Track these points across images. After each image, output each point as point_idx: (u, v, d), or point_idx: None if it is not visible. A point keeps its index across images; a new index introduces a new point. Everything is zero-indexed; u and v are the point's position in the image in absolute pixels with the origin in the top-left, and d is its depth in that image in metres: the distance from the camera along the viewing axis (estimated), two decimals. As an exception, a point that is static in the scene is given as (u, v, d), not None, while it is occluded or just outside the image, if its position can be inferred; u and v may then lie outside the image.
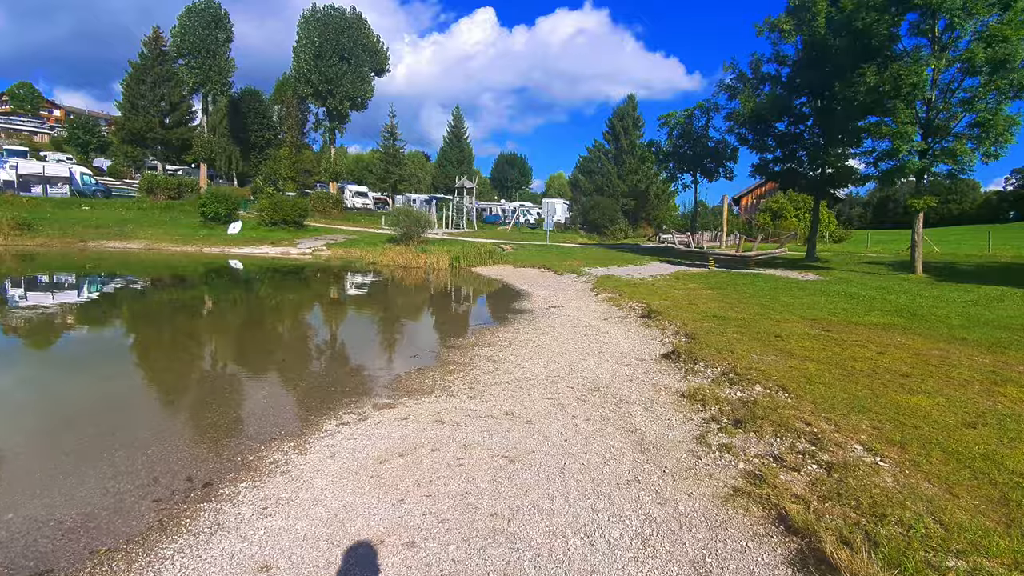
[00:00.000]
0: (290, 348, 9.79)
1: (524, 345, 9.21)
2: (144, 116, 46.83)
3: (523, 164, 75.18)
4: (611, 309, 12.66)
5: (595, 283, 17.02)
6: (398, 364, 8.23)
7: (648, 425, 5.44)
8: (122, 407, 6.42)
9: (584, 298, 14.68)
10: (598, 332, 10.18)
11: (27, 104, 66.91)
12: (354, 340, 10.76)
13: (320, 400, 6.36)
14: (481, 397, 6.38)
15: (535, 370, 7.61)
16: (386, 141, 47.60)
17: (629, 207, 49.30)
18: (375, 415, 5.77)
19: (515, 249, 28.59)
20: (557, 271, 20.72)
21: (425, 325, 12.54)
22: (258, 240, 30.28)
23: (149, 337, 10.67)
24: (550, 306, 13.49)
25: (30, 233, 27.90)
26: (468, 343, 9.50)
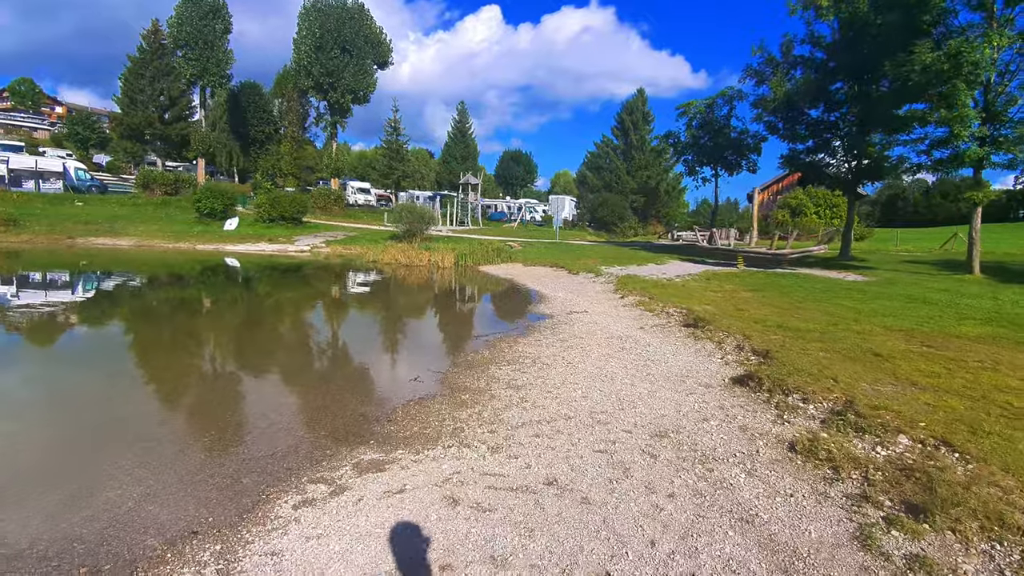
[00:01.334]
0: (257, 369, 7.83)
1: (551, 363, 7.30)
2: (143, 111, 44.96)
3: (528, 161, 73.11)
4: (644, 315, 10.74)
5: (617, 284, 15.10)
6: (394, 392, 6.31)
7: (767, 508, 3.54)
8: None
9: (608, 301, 12.76)
10: (638, 345, 8.27)
11: (28, 100, 65.15)
12: (341, 356, 8.85)
13: (281, 453, 4.46)
14: (507, 448, 4.48)
15: (573, 401, 5.71)
16: (389, 136, 45.68)
17: (638, 204, 47.26)
18: (355, 484, 3.87)
19: (523, 247, 26.69)
20: (572, 270, 18.79)
21: (428, 335, 10.59)
22: (255, 237, 28.47)
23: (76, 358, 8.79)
24: (572, 311, 11.58)
25: (15, 229, 26.14)
26: (482, 360, 7.60)
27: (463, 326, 11.21)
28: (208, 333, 10.20)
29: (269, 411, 5.53)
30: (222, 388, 6.70)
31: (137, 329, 10.52)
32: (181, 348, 8.91)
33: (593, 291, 14.48)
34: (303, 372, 7.49)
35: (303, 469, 4.15)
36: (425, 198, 47.00)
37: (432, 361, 7.70)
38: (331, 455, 4.41)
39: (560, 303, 12.71)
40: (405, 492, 3.72)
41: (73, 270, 18.20)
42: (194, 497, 3.73)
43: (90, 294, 14.30)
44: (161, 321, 11.22)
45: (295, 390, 6.49)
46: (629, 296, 12.93)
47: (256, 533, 3.25)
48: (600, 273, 17.54)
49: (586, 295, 13.82)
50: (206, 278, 18.31)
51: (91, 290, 14.89)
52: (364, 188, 49.91)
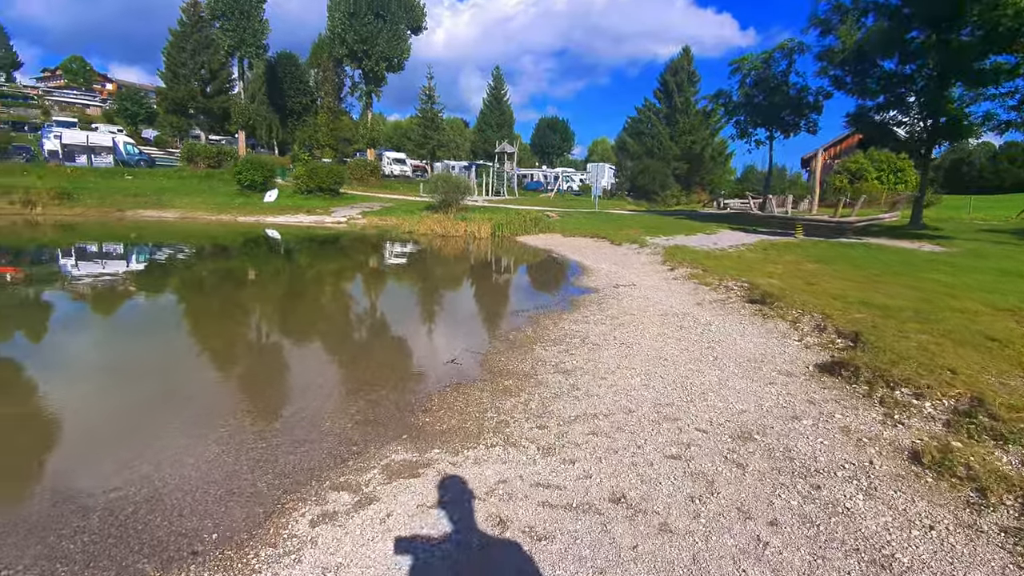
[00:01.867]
0: (287, 348, 7.28)
1: (602, 343, 6.52)
2: (185, 85, 45.46)
3: (565, 129, 70.60)
4: (700, 289, 9.76)
5: (665, 255, 14.03)
6: (430, 375, 5.67)
7: (904, 547, 2.71)
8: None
9: (657, 274, 11.78)
10: (698, 324, 7.37)
11: (80, 78, 67.11)
12: (375, 334, 8.24)
13: (304, 450, 3.90)
14: (561, 450, 3.77)
15: (632, 390, 4.94)
16: (424, 104, 44.66)
17: (681, 171, 44.92)
18: (383, 494, 3.25)
19: (561, 217, 25.63)
20: (614, 240, 17.74)
21: (466, 311, 9.88)
22: (293, 209, 28.42)
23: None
24: (618, 284, 10.69)
25: (69, 203, 26.82)
26: (525, 338, 6.88)
27: (502, 300, 10.50)
28: (241, 309, 9.86)
29: (295, 396, 5.00)
30: (249, 369, 6.23)
31: (172, 303, 10.31)
32: (214, 325, 8.57)
33: (639, 263, 13.49)
34: (334, 352, 6.97)
35: (326, 470, 3.56)
36: (460, 168, 46.11)
37: (470, 340, 7.03)
38: (358, 453, 3.81)
39: (605, 276, 11.81)
40: (442, 507, 3.07)
41: (125, 242, 18.46)
42: (201, 504, 3.20)
43: (140, 266, 14.34)
44: (198, 294, 10.99)
45: (324, 372, 5.94)
46: (680, 268, 11.90)
47: (265, 559, 2.67)
48: (645, 244, 16.45)
49: (632, 267, 12.85)
50: (248, 250, 18.23)
51: (143, 262, 14.96)
52: (400, 159, 49.38)
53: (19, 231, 20.49)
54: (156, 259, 15.44)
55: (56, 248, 16.68)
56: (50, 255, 15.28)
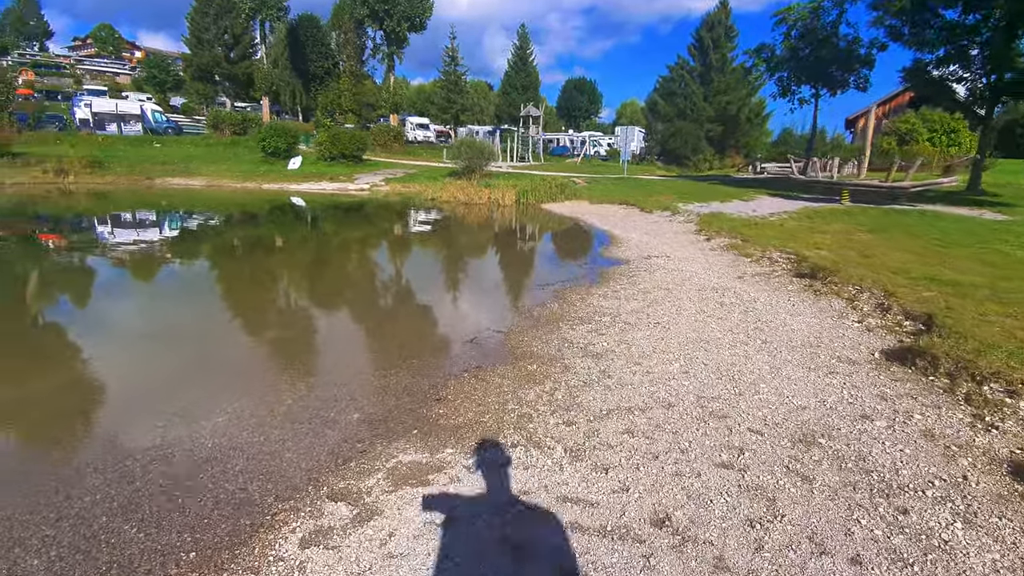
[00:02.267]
0: (298, 324, 6.74)
1: (635, 322, 5.93)
2: (209, 51, 45.02)
3: (593, 90, 67.69)
4: (740, 261, 8.99)
5: (699, 223, 13.15)
6: (447, 357, 5.19)
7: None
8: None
9: (692, 244, 10.99)
10: (741, 300, 6.68)
11: (109, 46, 67.28)
12: (391, 309, 7.72)
13: (304, 445, 3.49)
14: (592, 453, 3.27)
15: (670, 378, 4.37)
16: (447, 67, 43.22)
17: (715, 134, 42.63)
18: (386, 506, 2.81)
19: (589, 183, 24.61)
20: (644, 208, 16.83)
21: (488, 284, 9.26)
22: (317, 176, 28.06)
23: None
24: (650, 255, 9.98)
25: (100, 171, 27.01)
26: (550, 315, 6.34)
27: (526, 272, 9.91)
28: (259, 280, 9.54)
29: (301, 379, 4.59)
30: (256, 347, 5.86)
31: (196, 272, 10.09)
32: (233, 296, 8.28)
33: (672, 232, 12.67)
34: (348, 330, 6.55)
35: (326, 473, 3.14)
36: (484, 132, 44.90)
37: (492, 316, 6.52)
38: (362, 451, 3.38)
39: (635, 246, 11.09)
40: (452, 527, 2.61)
41: (156, 210, 18.51)
42: (182, 511, 2.82)
43: (173, 233, 14.32)
44: (223, 264, 10.76)
45: (335, 353, 5.50)
46: (717, 238, 11.07)
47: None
48: (677, 211, 15.52)
49: (664, 236, 12.06)
50: (273, 218, 17.99)
51: (174, 229, 14.95)
52: (423, 124, 48.31)
53: (55, 199, 20.73)
54: (187, 227, 15.38)
55: (91, 216, 16.81)
56: (87, 223, 15.42)
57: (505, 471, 3.09)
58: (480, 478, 3.04)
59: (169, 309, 7.20)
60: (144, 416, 3.89)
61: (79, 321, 6.66)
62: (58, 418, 3.97)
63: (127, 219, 16.53)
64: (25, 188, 23.08)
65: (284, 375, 4.68)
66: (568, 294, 7.32)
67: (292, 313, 7.34)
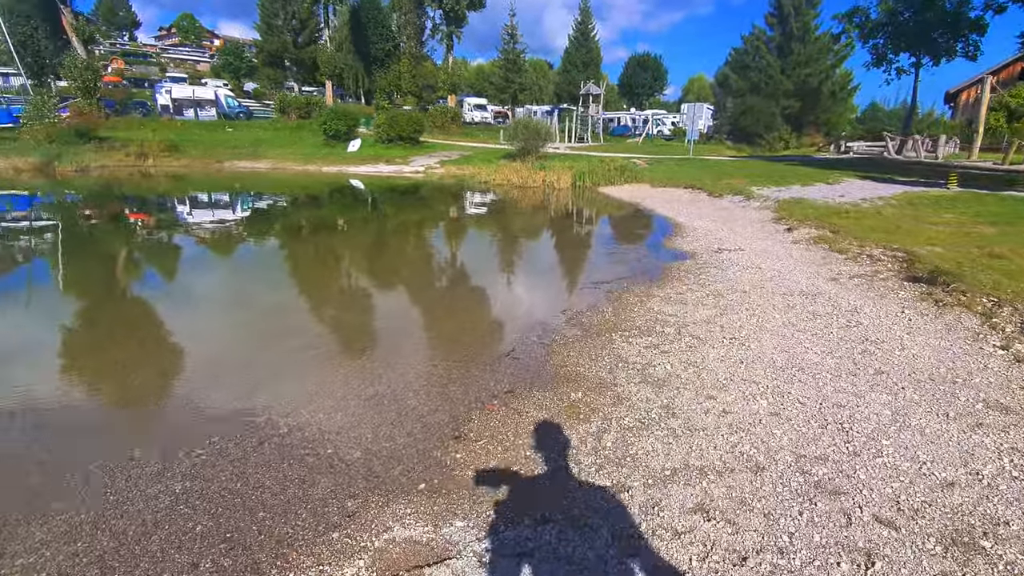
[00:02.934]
0: (309, 325, 5.86)
1: (705, 335, 4.89)
2: (279, 36, 46.15)
3: (657, 66, 63.83)
4: (832, 258, 7.59)
5: (778, 210, 11.59)
6: (476, 374, 4.33)
7: None
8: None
9: (770, 236, 9.58)
10: (838, 310, 5.44)
11: (190, 35, 70.85)
12: (419, 308, 6.62)
13: (277, 500, 2.80)
14: (649, 542, 2.38)
15: (756, 423, 3.36)
16: (506, 45, 41.93)
17: (792, 110, 38.94)
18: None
19: (651, 164, 22.95)
20: (713, 192, 15.24)
21: (534, 280, 8.18)
22: (374, 158, 28.04)
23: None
24: (721, 248, 8.72)
25: (176, 154, 28.27)
26: (602, 323, 5.40)
27: (578, 267, 8.90)
28: (280, 275, 9.18)
29: (303, 406, 3.83)
30: (258, 355, 5.03)
31: (252, 255, 9.89)
32: (273, 291, 7.91)
33: (746, 220, 11.21)
34: (366, 332, 5.76)
35: (296, 550, 2.44)
36: (543, 112, 43.45)
37: (534, 322, 5.65)
38: (353, 513, 2.66)
39: (703, 236, 9.81)
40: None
41: (228, 192, 19.34)
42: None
43: (244, 214, 14.95)
44: (279, 247, 10.56)
45: (349, 366, 4.54)
46: (801, 228, 9.59)
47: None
48: (751, 195, 13.89)
49: (737, 225, 10.66)
50: (331, 200, 18.00)
51: (245, 210, 15.62)
52: (480, 104, 47.44)
53: (138, 181, 21.84)
54: (255, 209, 15.98)
55: (171, 197, 17.72)
56: (168, 203, 16.33)
57: (530, 567, 2.26)
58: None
59: (210, 290, 6.88)
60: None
61: (161, 294, 7.18)
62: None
63: (202, 200, 17.53)
64: (109, 170, 24.43)
65: (280, 398, 4.03)
66: (624, 296, 6.32)
67: (310, 319, 6.78)
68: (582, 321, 5.50)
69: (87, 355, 5.00)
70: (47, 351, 4.96)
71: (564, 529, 2.48)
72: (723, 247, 8.77)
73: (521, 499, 2.73)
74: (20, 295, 7.04)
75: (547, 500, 2.70)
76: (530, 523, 2.53)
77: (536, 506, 2.65)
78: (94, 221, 13.08)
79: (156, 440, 3.35)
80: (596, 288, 6.79)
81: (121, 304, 6.82)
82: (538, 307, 6.26)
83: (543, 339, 5.02)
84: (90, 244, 10.40)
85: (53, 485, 2.88)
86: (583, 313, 5.75)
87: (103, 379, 4.43)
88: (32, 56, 33.39)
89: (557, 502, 2.67)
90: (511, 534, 2.46)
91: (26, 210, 14.76)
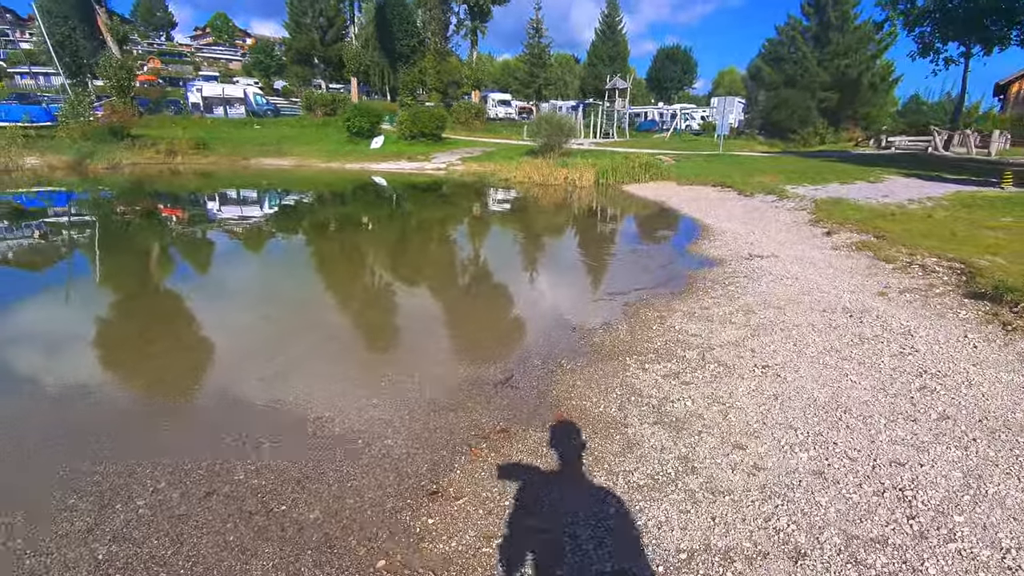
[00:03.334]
0: (289, 352, 4.93)
1: (734, 362, 4.26)
2: (306, 34, 46.50)
3: (687, 59, 61.85)
4: (878, 268, 6.79)
5: (816, 211, 10.72)
6: (466, 406, 3.76)
7: None
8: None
9: (807, 240, 8.77)
10: (890, 333, 4.72)
11: (224, 35, 72.24)
12: (421, 322, 5.86)
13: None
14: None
15: (795, 484, 2.76)
16: (531, 39, 41.15)
17: (829, 103, 37.10)
18: None
19: (678, 161, 22.00)
20: (743, 190, 14.35)
21: (543, 290, 7.26)
22: (396, 155, 27.82)
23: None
24: (752, 254, 7.99)
25: (204, 152, 28.58)
26: (615, 344, 4.82)
27: (594, 275, 8.25)
28: (247, 297, 8.84)
29: (263, 444, 3.37)
30: (229, 394, 4.69)
31: (265, 254, 9.63)
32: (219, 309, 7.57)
33: (780, 222, 10.38)
34: (348, 350, 5.17)
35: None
36: (568, 108, 42.60)
37: (539, 340, 5.08)
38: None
39: (732, 240, 9.07)
40: None
41: (253, 189, 19.53)
42: None
43: (268, 211, 15.01)
44: (287, 248, 10.27)
45: (321, 401, 3.94)
46: (841, 232, 8.76)
47: None
48: (785, 194, 12.98)
49: (770, 228, 9.86)
50: (349, 197, 17.76)
51: (266, 208, 15.73)
52: (505, 100, 46.77)
53: (167, 179, 22.16)
54: (274, 207, 16.04)
55: (199, 194, 17.91)
56: (196, 200, 16.58)
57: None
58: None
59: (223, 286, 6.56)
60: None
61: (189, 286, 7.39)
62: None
63: (229, 197, 17.83)
64: (140, 168, 24.82)
65: (245, 423, 3.61)
66: (642, 310, 5.71)
67: (295, 340, 6.37)
68: (593, 341, 4.92)
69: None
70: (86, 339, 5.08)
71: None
72: (754, 253, 8.03)
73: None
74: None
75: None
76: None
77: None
78: (127, 216, 13.37)
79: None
80: (612, 300, 6.19)
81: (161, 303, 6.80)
82: (546, 322, 5.70)
83: (547, 363, 4.47)
84: (123, 239, 10.69)
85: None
86: (595, 331, 5.17)
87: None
88: (70, 56, 34.24)
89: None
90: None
91: (64, 206, 15.11)
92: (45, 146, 24.07)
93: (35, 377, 4.29)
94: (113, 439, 3.37)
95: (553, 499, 2.74)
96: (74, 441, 3.33)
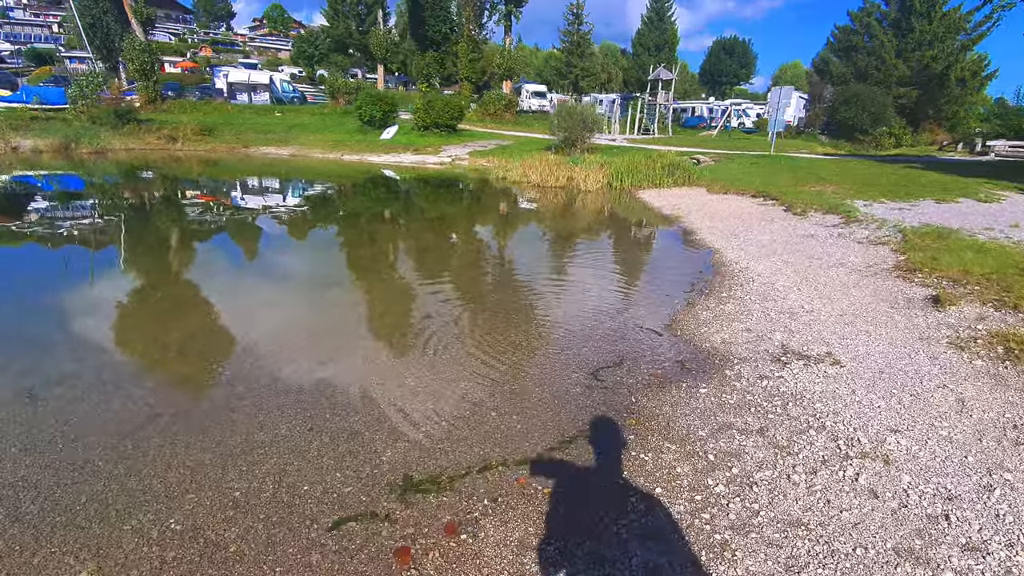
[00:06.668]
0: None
1: None
2: (344, 22, 44.48)
3: (745, 52, 55.47)
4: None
5: (904, 248, 6.66)
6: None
7: None
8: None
9: (894, 312, 4.84)
10: None
11: (279, 25, 71.70)
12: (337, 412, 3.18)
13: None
14: None
15: None
16: (569, 26, 37.00)
17: (907, 100, 31.04)
18: None
19: (719, 161, 17.71)
20: (792, 206, 10.21)
21: (468, 390, 4.01)
22: (403, 147, 24.82)
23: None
24: (787, 347, 4.23)
25: (208, 138, 26.64)
26: None
27: (537, 373, 4.65)
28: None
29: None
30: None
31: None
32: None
33: (844, 267, 6.39)
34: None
35: None
36: (608, 102, 38.18)
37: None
38: None
39: (758, 301, 5.26)
40: None
41: (202, 179, 16.80)
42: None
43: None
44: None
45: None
46: (963, 303, 4.76)
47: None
48: (854, 216, 8.81)
49: (827, 280, 5.93)
50: (316, 198, 14.82)
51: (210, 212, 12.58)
52: (540, 92, 42.78)
53: (161, 164, 20.21)
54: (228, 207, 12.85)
55: (183, 181, 15.30)
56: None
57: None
58: None
59: None
60: None
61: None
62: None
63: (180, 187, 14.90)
64: (136, 153, 23.07)
65: None
66: (597, 467, 2.18)
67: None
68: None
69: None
70: None
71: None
72: (791, 344, 4.26)
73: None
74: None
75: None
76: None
77: None
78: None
79: None
80: (521, 469, 2.67)
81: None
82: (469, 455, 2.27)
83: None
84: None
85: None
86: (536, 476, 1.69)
87: None
88: (101, 39, 33.28)
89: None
90: None
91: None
92: (40, 128, 22.62)
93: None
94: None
95: None
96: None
